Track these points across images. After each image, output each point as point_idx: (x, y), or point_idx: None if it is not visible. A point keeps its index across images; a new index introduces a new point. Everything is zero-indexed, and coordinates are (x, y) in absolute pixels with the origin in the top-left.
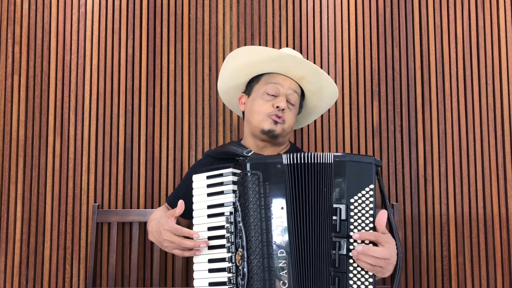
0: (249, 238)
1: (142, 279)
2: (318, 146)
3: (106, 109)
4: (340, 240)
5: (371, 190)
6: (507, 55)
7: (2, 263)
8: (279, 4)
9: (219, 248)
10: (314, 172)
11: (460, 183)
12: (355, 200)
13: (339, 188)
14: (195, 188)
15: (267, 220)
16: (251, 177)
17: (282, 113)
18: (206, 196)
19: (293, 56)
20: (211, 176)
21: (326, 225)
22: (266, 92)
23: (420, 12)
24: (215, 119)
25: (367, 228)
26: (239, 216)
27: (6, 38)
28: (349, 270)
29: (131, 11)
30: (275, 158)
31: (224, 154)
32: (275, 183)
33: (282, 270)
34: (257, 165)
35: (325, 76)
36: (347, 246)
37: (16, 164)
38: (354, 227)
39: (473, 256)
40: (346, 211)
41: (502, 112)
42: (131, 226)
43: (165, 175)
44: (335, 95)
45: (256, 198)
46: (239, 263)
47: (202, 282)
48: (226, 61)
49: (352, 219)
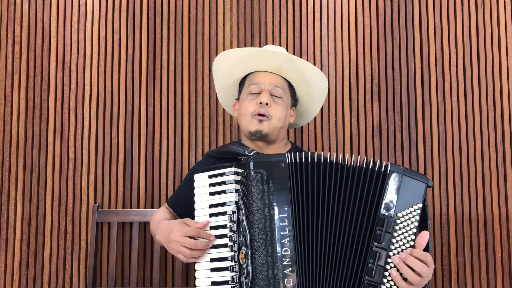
0: (253, 236)
1: (142, 279)
2: (318, 146)
3: (106, 109)
4: (381, 251)
5: (418, 208)
6: (507, 55)
7: (2, 263)
8: (279, 4)
9: (221, 247)
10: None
11: (460, 183)
12: (402, 215)
13: (389, 199)
14: (196, 187)
15: (271, 219)
16: (254, 176)
17: (267, 109)
18: (208, 195)
19: (260, 50)
20: (213, 175)
21: (363, 232)
22: (249, 93)
23: (420, 12)
24: (215, 119)
25: (407, 245)
26: (242, 215)
27: (6, 38)
28: (383, 282)
29: (131, 11)
30: (278, 157)
31: (226, 154)
32: (279, 182)
33: (286, 268)
34: (261, 163)
35: (298, 61)
36: (385, 258)
37: (16, 164)
38: (396, 241)
39: (473, 256)
40: (391, 224)
41: (502, 112)
42: (131, 226)
43: (165, 175)
44: (320, 77)
45: (260, 197)
46: (243, 262)
47: (204, 281)
48: (214, 72)
49: (396, 233)
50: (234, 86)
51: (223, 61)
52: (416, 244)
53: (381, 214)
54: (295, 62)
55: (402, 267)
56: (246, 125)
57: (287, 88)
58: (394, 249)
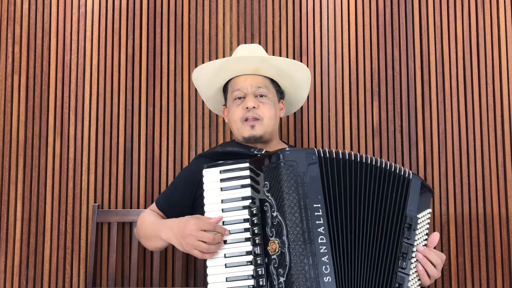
0: (288, 226)
1: (142, 279)
2: (318, 146)
3: (106, 109)
4: (409, 246)
5: (429, 213)
6: (507, 55)
7: (2, 263)
8: (279, 4)
9: (237, 242)
10: (371, 173)
11: (460, 183)
12: (421, 217)
13: (413, 202)
14: (206, 182)
15: (306, 209)
16: (286, 167)
17: (255, 111)
18: (220, 191)
19: (233, 58)
20: (226, 171)
21: (393, 227)
22: (234, 98)
23: (420, 12)
24: (215, 119)
25: (423, 243)
26: (273, 207)
27: (6, 38)
28: (409, 274)
29: (131, 11)
30: (309, 150)
31: (229, 154)
32: (312, 174)
33: (323, 256)
34: (293, 155)
35: (272, 59)
36: (411, 253)
37: (16, 164)
38: (417, 238)
39: (473, 256)
40: (415, 223)
41: (502, 112)
42: (131, 226)
43: (165, 175)
44: (299, 67)
45: (294, 187)
46: (275, 251)
47: (218, 277)
48: (196, 85)
49: (417, 231)
50: (218, 94)
51: (200, 75)
52: (428, 243)
53: (407, 213)
54: (269, 61)
55: (426, 262)
56: (239, 131)
57: (270, 85)
58: (417, 245)
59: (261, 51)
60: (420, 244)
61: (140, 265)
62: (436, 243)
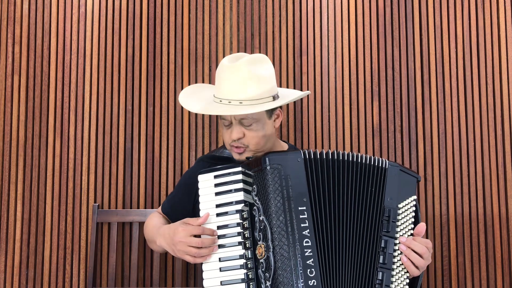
0: (273, 229)
1: (142, 279)
2: (318, 146)
3: (106, 109)
4: (388, 239)
5: (414, 200)
6: (507, 55)
7: (2, 263)
8: (279, 4)
9: (231, 246)
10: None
11: (460, 183)
12: (402, 206)
13: (391, 192)
14: (201, 188)
15: (290, 211)
16: (271, 171)
17: (241, 141)
18: (214, 196)
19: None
20: (219, 175)
21: (373, 222)
22: (222, 122)
23: (420, 12)
24: (215, 119)
25: (408, 233)
26: (259, 210)
27: (6, 38)
28: (392, 268)
29: (131, 11)
30: (294, 153)
31: (222, 159)
32: (297, 177)
33: (308, 259)
34: (277, 159)
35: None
36: (393, 245)
37: (16, 164)
38: (400, 230)
39: (473, 256)
40: (395, 214)
41: (502, 112)
42: (131, 226)
43: (165, 175)
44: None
45: (279, 191)
46: (262, 256)
47: (213, 281)
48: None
49: (399, 222)
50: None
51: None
52: (415, 233)
53: (385, 205)
54: (243, 109)
55: (410, 253)
56: (230, 150)
57: None
58: (399, 237)
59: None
60: (405, 235)
61: (140, 265)
62: (423, 232)
